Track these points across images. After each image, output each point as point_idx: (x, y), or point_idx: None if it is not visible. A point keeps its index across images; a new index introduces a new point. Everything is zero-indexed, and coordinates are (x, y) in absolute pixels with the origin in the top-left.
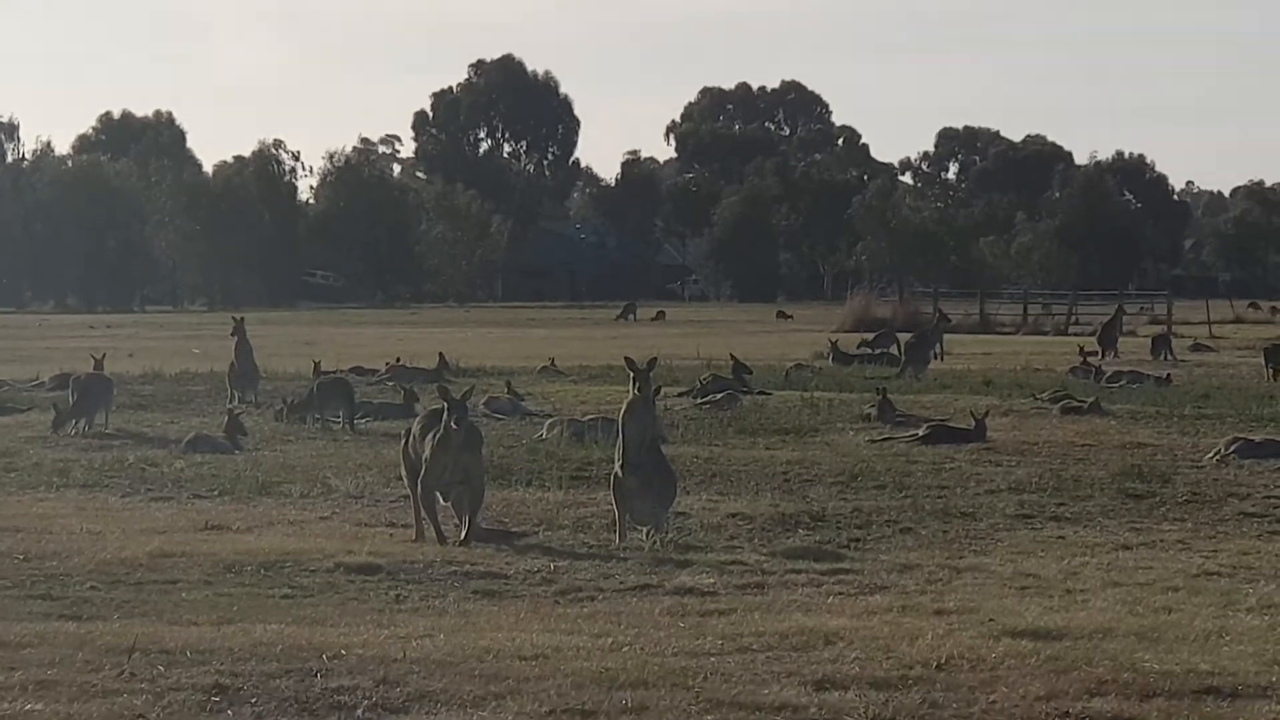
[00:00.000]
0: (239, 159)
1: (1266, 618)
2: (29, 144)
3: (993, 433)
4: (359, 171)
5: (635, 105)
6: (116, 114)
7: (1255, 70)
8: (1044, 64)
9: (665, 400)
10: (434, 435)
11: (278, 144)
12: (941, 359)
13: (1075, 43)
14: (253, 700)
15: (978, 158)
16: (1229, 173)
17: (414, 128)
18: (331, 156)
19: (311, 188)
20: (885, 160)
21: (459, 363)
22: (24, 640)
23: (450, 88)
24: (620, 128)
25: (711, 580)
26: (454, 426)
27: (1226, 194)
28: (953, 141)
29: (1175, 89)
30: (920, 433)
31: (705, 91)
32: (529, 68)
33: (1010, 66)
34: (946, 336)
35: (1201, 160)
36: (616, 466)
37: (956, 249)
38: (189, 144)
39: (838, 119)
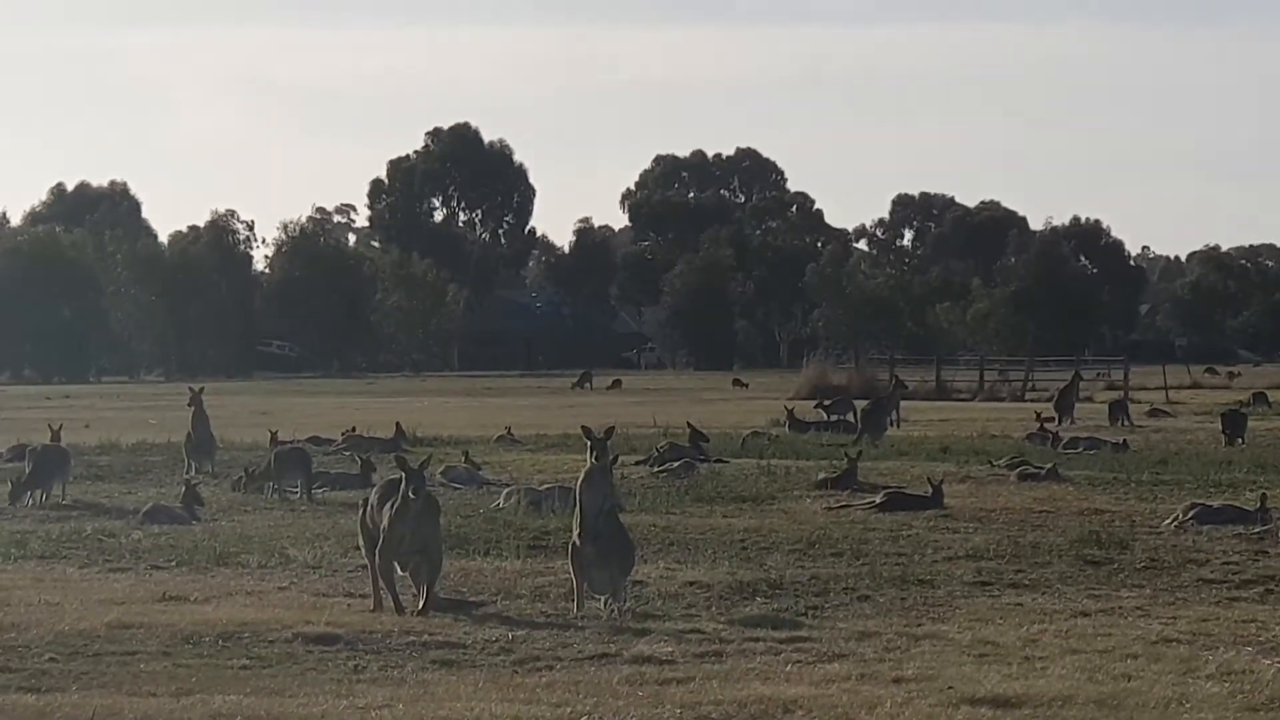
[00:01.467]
0: (193, 229)
1: (1226, 685)
2: None
3: (950, 499)
4: (314, 240)
5: (590, 173)
6: (70, 185)
7: (1211, 135)
8: (999, 129)
9: (622, 469)
10: (392, 505)
11: (230, 214)
12: (898, 425)
13: (1030, 108)
14: None
15: (933, 224)
16: (1185, 238)
17: (369, 196)
18: (287, 226)
19: (267, 257)
20: (840, 226)
21: (416, 432)
22: None
23: (406, 156)
24: (575, 196)
25: (670, 649)
26: (412, 496)
27: (1183, 259)
28: (908, 208)
29: (1131, 154)
30: (877, 500)
31: (659, 159)
32: (484, 136)
33: (965, 132)
34: (903, 403)
35: (1157, 225)
36: (574, 535)
37: (912, 315)
38: (144, 214)
39: (792, 185)
